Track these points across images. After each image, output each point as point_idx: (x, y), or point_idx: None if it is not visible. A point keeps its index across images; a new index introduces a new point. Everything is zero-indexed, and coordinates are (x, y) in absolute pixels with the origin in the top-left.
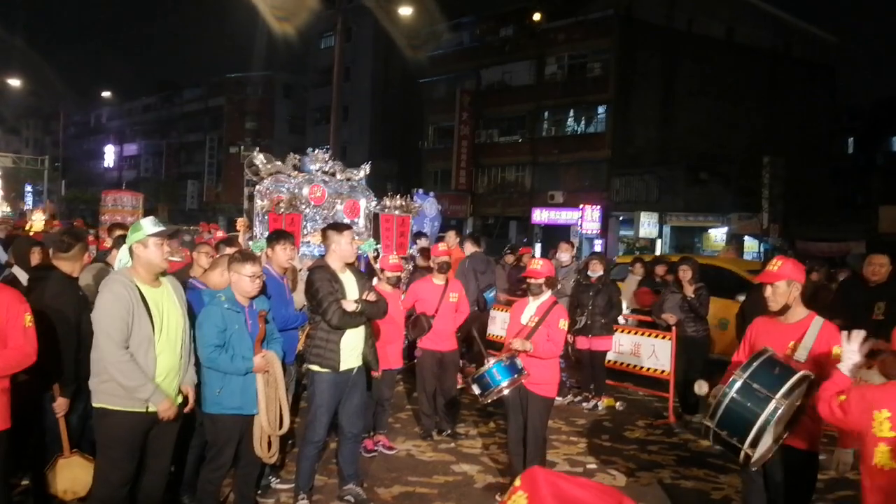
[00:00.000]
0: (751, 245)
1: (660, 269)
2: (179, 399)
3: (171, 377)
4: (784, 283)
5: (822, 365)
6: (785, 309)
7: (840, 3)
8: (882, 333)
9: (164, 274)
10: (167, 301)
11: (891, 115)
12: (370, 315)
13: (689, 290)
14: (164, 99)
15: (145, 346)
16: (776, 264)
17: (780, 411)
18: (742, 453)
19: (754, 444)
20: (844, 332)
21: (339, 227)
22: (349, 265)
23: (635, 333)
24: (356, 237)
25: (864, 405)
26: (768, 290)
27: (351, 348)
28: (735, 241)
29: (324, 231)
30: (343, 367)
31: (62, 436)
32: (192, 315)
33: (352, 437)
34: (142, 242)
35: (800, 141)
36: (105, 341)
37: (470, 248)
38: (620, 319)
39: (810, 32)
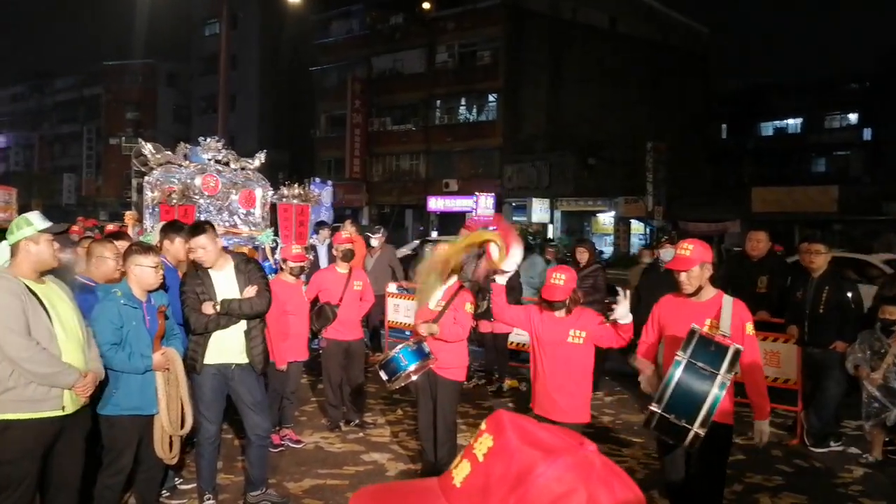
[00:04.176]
0: (637, 227)
1: None
2: (85, 401)
3: None
4: (698, 266)
5: (739, 340)
6: (699, 289)
7: None
8: (764, 305)
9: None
10: (55, 296)
11: (757, 103)
12: (240, 315)
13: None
14: (33, 88)
15: (46, 339)
16: (687, 249)
17: (726, 387)
18: (691, 434)
19: (704, 424)
20: None
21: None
22: (244, 258)
23: None
24: (253, 227)
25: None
26: (683, 276)
27: (222, 346)
28: (622, 223)
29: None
30: (209, 362)
31: None
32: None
33: (256, 438)
34: (32, 239)
35: (680, 127)
36: (7, 337)
37: None
38: None
39: (685, 24)
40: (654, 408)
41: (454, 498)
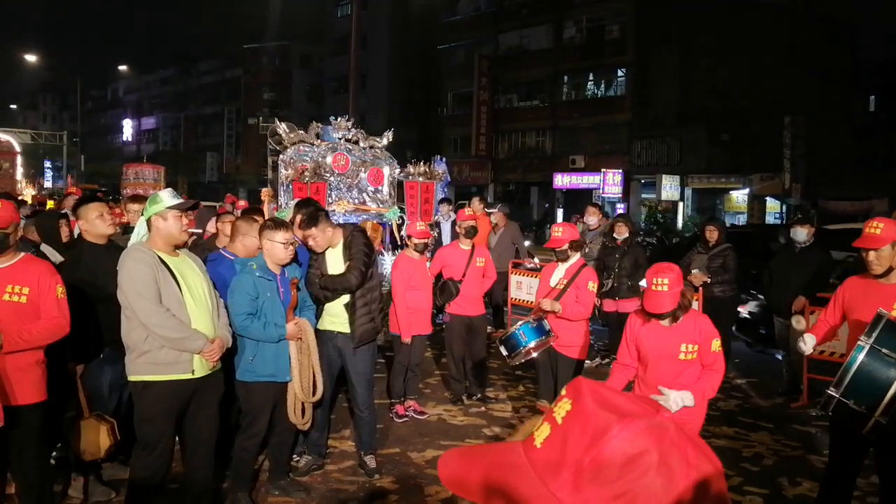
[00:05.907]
0: (773, 205)
1: None
2: (216, 367)
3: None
4: (889, 245)
5: None
6: (888, 271)
7: None
8: None
9: (180, 246)
10: (187, 268)
11: None
12: (332, 289)
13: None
14: (180, 71)
15: (176, 306)
16: (878, 227)
17: None
18: (872, 421)
19: (887, 412)
20: None
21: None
22: (355, 231)
23: None
24: (381, 205)
25: None
26: (872, 255)
27: (328, 315)
28: (757, 201)
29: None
30: (319, 328)
31: (80, 398)
32: (224, 286)
33: (356, 409)
34: (160, 215)
35: (821, 100)
36: (139, 303)
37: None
38: None
39: None
40: (832, 392)
41: (535, 458)
